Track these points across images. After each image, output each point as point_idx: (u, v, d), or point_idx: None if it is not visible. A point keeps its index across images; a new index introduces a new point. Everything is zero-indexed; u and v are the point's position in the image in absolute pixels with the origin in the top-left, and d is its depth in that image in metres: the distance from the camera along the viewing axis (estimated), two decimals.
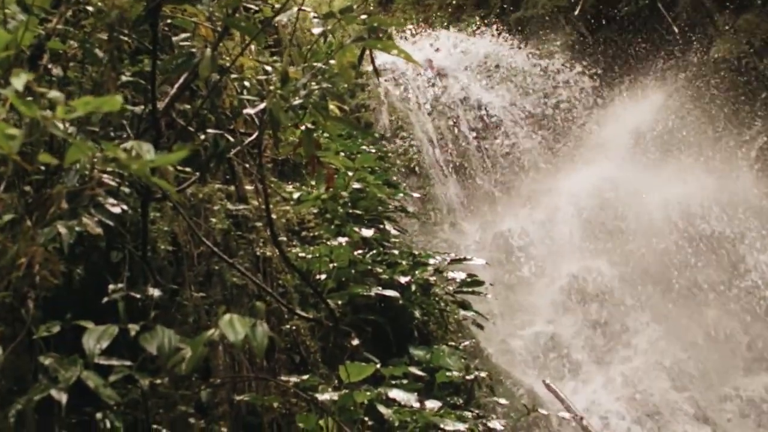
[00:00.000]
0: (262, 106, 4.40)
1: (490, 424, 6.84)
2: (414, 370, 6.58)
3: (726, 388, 12.95)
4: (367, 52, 4.93)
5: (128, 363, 3.74)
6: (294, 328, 6.50)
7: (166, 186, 2.45)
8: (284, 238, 7.32)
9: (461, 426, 5.86)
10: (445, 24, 20.79)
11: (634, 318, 14.01)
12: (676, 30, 18.43)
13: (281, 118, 4.28)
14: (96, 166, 2.90)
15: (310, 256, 7.16)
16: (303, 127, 4.87)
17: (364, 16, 4.65)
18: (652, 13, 18.97)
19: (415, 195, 14.42)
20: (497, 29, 19.94)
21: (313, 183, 8.42)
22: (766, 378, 13.14)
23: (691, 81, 17.60)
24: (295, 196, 7.97)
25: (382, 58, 16.66)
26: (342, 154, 8.91)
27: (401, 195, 10.67)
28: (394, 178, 12.42)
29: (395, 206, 9.90)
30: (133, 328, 3.60)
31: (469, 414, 6.54)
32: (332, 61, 4.78)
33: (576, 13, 19.55)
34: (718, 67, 17.47)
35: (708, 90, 17.26)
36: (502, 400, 8.32)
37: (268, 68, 5.31)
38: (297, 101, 4.46)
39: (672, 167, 16.18)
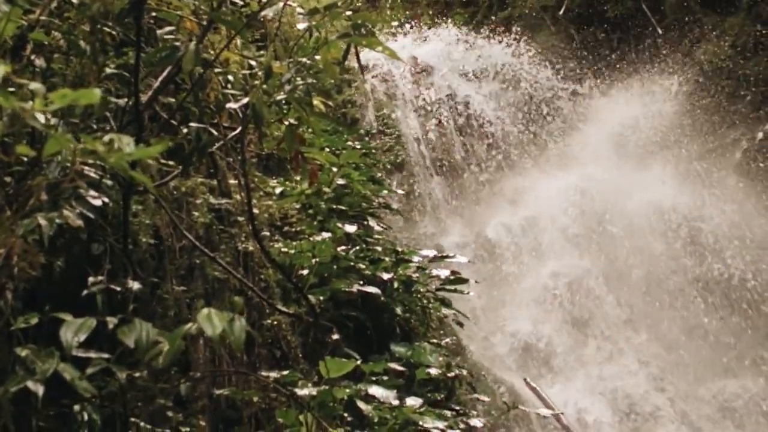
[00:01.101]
0: (246, 100, 4.40)
1: (471, 422, 6.85)
2: (394, 365, 6.59)
3: (706, 389, 13.02)
4: (353, 48, 4.94)
5: (106, 356, 3.73)
6: (275, 323, 6.50)
7: (144, 180, 2.45)
8: (267, 233, 7.32)
9: (440, 424, 5.86)
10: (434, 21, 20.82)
11: (615, 318, 14.07)
12: (660, 31, 18.49)
13: (264, 113, 4.28)
14: (77, 158, 2.89)
15: (293, 251, 7.15)
16: (286, 123, 4.87)
17: (349, 13, 4.65)
18: (639, 14, 19.04)
19: (400, 192, 14.44)
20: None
21: (297, 178, 8.42)
22: (746, 380, 13.21)
23: (678, 83, 17.69)
24: (278, 191, 7.96)
25: (371, 54, 16.67)
26: (327, 149, 8.91)
27: (385, 192, 10.69)
28: (379, 174, 12.43)
29: (379, 203, 9.90)
30: (112, 321, 3.60)
31: (448, 413, 6.55)
32: (317, 57, 4.79)
33: (561, 13, 19.59)
34: (704, 70, 17.55)
35: (694, 92, 17.34)
36: (483, 397, 8.35)
37: (253, 63, 5.30)
38: (280, 96, 4.46)
39: (657, 169, 16.26)
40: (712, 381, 13.18)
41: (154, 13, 4.96)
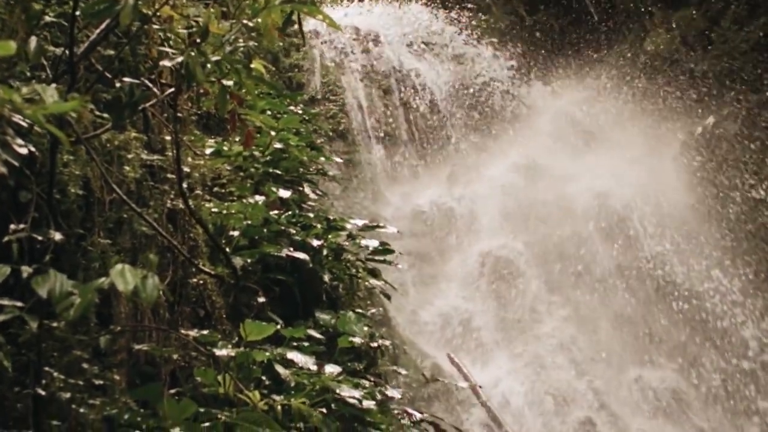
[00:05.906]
0: (180, 59, 4.39)
1: (389, 393, 6.91)
2: (314, 333, 6.62)
3: (626, 376, 13.25)
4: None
5: (19, 304, 3.73)
6: (201, 282, 6.50)
7: (58, 134, 2.45)
8: (200, 192, 7.29)
9: (357, 393, 5.91)
10: None
11: (543, 300, 14.25)
12: (596, 18, 18.65)
13: (198, 72, 4.28)
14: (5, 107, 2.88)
15: (224, 211, 7.15)
16: (225, 83, 4.87)
17: None
18: (591, 2, 19.18)
19: (338, 160, 14.43)
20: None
21: (237, 139, 8.39)
22: (664, 368, 13.46)
23: (624, 72, 17.86)
24: (208, 151, 7.91)
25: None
26: (268, 112, 8.88)
27: (324, 159, 10.67)
28: (320, 141, 12.42)
29: (317, 169, 9.90)
30: (26, 270, 3.59)
31: (367, 382, 6.60)
32: (260, 20, 4.79)
33: None
34: (651, 61, 17.73)
35: (640, 83, 17.52)
36: (402, 370, 8.43)
37: (194, 22, 5.28)
38: (216, 57, 4.46)
39: (597, 157, 16.43)
40: (631, 368, 13.41)
41: None
